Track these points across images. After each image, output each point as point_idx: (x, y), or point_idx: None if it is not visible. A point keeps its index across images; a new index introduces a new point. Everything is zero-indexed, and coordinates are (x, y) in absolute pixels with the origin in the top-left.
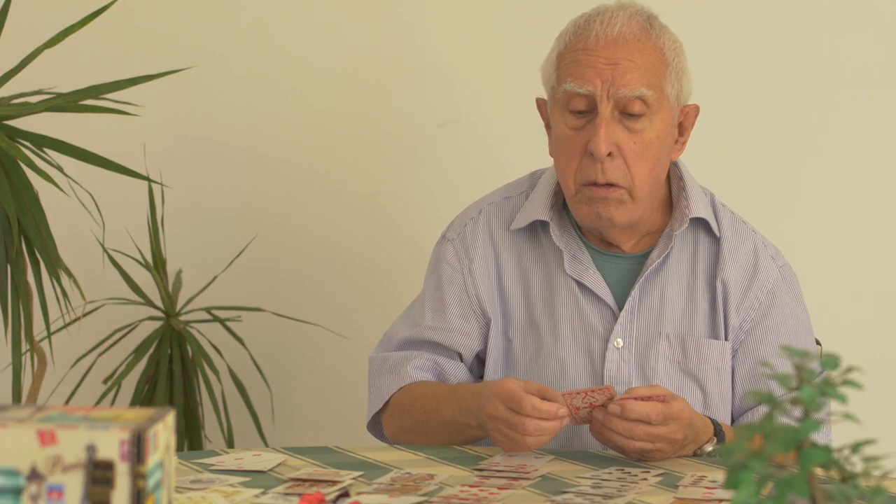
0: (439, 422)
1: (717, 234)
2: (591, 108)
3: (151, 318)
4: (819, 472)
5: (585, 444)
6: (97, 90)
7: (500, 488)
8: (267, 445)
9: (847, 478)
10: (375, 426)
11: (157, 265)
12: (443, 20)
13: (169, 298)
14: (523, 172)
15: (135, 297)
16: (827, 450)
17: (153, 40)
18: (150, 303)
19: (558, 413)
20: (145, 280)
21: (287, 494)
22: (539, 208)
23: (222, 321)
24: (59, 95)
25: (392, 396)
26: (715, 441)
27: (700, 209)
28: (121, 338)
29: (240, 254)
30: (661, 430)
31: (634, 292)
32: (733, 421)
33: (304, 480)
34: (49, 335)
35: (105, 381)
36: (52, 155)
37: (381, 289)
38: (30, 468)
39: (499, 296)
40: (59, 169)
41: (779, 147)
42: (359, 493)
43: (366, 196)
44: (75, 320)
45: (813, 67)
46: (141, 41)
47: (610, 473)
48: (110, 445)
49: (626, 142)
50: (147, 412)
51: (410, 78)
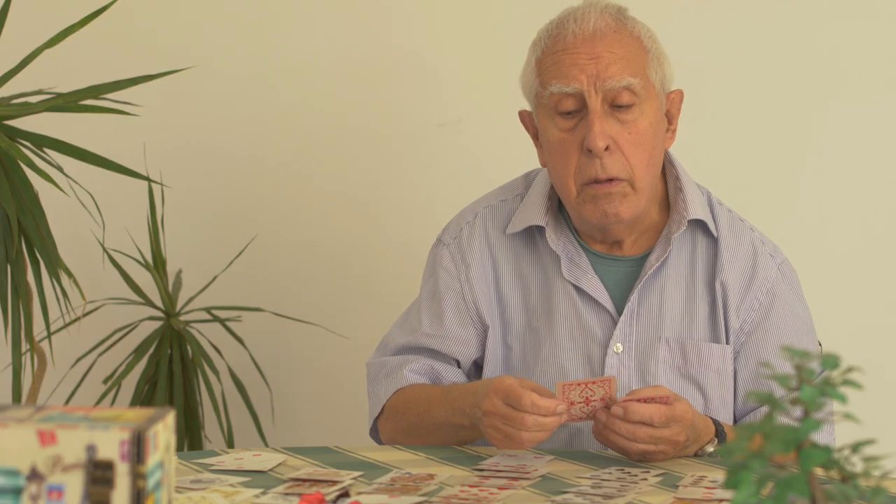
0: (432, 423)
1: (715, 235)
2: (579, 106)
3: (151, 318)
4: (819, 472)
5: (585, 444)
6: (97, 90)
7: (500, 488)
8: (267, 445)
9: (847, 478)
10: (375, 431)
11: (157, 265)
12: (443, 20)
13: (169, 298)
14: (523, 173)
15: (135, 297)
16: (827, 450)
17: (153, 40)
18: (150, 303)
19: (557, 409)
20: (145, 280)
21: (287, 494)
22: (534, 213)
23: (222, 321)
24: (59, 95)
25: (388, 400)
26: (716, 441)
27: (697, 210)
28: (121, 338)
29: (240, 254)
30: (663, 433)
31: (633, 297)
32: (735, 423)
33: (304, 480)
34: (49, 335)
35: (105, 381)
36: (52, 155)
37: (382, 289)
38: (30, 468)
39: (496, 301)
40: (59, 169)
41: (778, 146)
42: (359, 493)
43: (366, 196)
44: (75, 320)
45: (813, 66)
46: (141, 41)
47: (610, 473)
48: (110, 445)
49: (620, 134)
50: (147, 412)
51: (410, 78)
